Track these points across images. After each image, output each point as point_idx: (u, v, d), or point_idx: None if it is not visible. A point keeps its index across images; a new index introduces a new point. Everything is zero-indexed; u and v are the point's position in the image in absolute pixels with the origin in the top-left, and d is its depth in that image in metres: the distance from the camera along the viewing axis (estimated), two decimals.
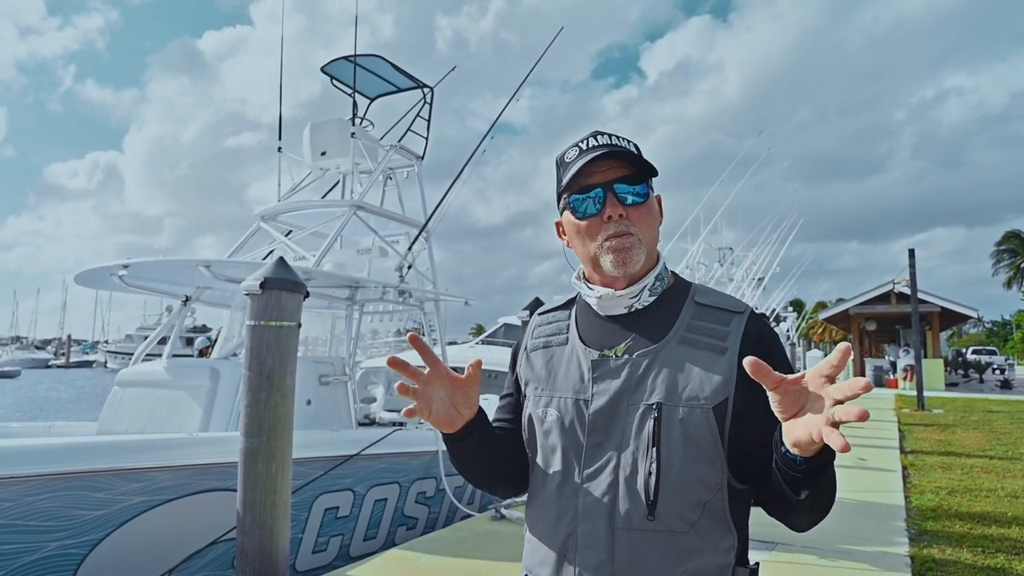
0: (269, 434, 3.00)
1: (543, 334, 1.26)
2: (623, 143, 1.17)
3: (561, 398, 1.16)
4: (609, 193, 1.14)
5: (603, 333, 1.18)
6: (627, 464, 1.07)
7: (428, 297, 6.92)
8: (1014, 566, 4.10)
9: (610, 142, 1.16)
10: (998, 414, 13.61)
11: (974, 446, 9.26)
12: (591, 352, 1.16)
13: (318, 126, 6.96)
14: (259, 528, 2.98)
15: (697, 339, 1.11)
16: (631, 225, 1.14)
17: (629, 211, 1.14)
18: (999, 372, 26.03)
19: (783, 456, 0.96)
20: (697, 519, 1.06)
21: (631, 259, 1.14)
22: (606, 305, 1.18)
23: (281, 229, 6.87)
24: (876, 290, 24.33)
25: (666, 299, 1.18)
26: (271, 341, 3.05)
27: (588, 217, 1.16)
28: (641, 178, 1.16)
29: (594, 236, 1.15)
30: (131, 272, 5.43)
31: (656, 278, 1.18)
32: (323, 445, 4.76)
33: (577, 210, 1.17)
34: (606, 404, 1.11)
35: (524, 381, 1.26)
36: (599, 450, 1.10)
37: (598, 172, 1.14)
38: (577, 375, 1.16)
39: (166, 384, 5.12)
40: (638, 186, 1.15)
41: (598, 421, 1.11)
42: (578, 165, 1.14)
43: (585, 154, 1.15)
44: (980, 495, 6.13)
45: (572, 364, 1.17)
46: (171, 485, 3.78)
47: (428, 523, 5.84)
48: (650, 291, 1.17)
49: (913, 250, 15.58)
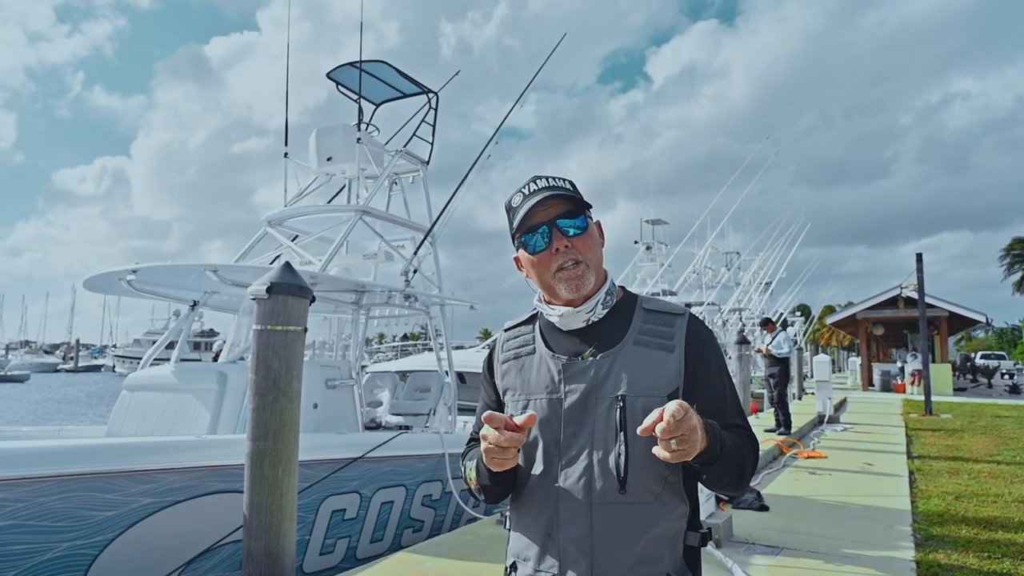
0: (275, 438, 3.02)
1: (512, 347, 1.44)
2: (559, 183, 1.36)
3: (536, 399, 1.33)
4: (554, 228, 1.33)
5: (568, 344, 1.36)
6: (599, 448, 1.25)
7: (434, 301, 6.96)
8: (1020, 571, 4.08)
9: (548, 184, 1.35)
10: (1006, 419, 13.52)
11: (982, 451, 9.21)
12: (559, 358, 1.34)
13: (324, 132, 7.01)
14: (265, 532, 3.00)
15: (649, 340, 1.32)
16: (577, 253, 1.32)
17: (573, 241, 1.33)
18: (1008, 377, 25.86)
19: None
20: (660, 491, 1.26)
21: (583, 284, 1.33)
22: (567, 321, 1.36)
23: (288, 234, 6.92)
24: (884, 294, 24.21)
25: (617, 311, 1.37)
26: (277, 345, 3.08)
27: (539, 252, 1.34)
28: (579, 211, 1.34)
29: (547, 266, 1.34)
30: (139, 277, 5.49)
31: (607, 293, 1.37)
32: (330, 448, 4.79)
33: (528, 246, 1.36)
34: (578, 399, 1.29)
35: (503, 390, 1.42)
36: (574, 439, 1.28)
37: (541, 211, 1.33)
38: (548, 378, 1.33)
39: (174, 388, 5.17)
40: (577, 219, 1.34)
41: (572, 414, 1.29)
42: (524, 208, 1.33)
43: (528, 198, 1.34)
44: (987, 500, 6.10)
45: (542, 369, 1.35)
46: (180, 487, 3.81)
47: (434, 525, 5.86)
48: (603, 304, 1.36)
49: (921, 254, 15.54)
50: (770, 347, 10.76)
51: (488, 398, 1.50)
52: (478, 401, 1.56)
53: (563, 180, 1.38)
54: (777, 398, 10.56)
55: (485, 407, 1.49)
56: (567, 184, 1.37)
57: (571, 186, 1.38)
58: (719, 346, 1.41)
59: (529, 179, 1.38)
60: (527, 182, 1.38)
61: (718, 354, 1.37)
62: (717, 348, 1.38)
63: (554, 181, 1.36)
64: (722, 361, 1.38)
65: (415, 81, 7.62)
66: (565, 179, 1.39)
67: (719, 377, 1.35)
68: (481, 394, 1.53)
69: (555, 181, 1.37)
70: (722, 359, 1.38)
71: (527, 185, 1.37)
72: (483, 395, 1.52)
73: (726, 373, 1.38)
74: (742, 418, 1.35)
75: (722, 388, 1.34)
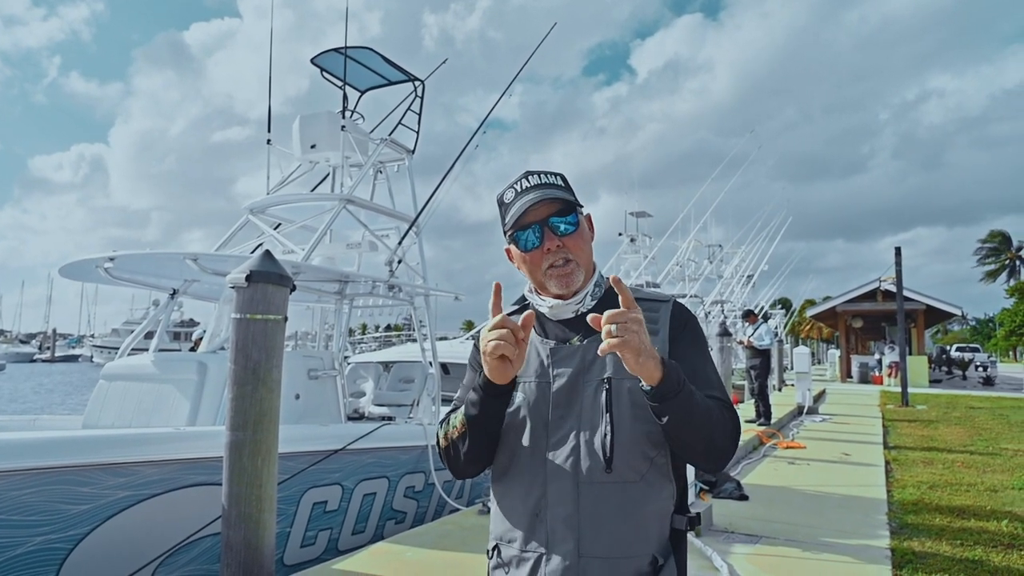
0: (255, 428, 2.99)
1: None
2: (551, 179, 1.39)
3: (525, 382, 1.35)
4: (545, 227, 1.35)
5: (557, 331, 1.40)
6: (587, 429, 1.28)
7: (418, 292, 6.92)
8: (991, 558, 4.17)
9: (540, 182, 1.37)
10: (980, 410, 13.80)
11: (956, 441, 9.39)
12: (548, 343, 1.37)
13: (308, 119, 6.92)
14: (244, 522, 2.97)
15: None
16: (568, 252, 1.36)
17: (564, 240, 1.36)
18: (982, 369, 26.35)
19: (643, 391, 1.20)
20: (646, 471, 1.28)
21: (572, 282, 1.37)
22: (557, 312, 1.39)
23: (270, 222, 6.83)
24: (863, 288, 24.55)
25: (605, 301, 1.38)
26: (257, 334, 3.04)
27: (531, 250, 1.37)
28: (570, 209, 1.36)
29: (538, 264, 1.37)
30: (117, 265, 5.39)
31: (595, 285, 1.41)
32: (312, 439, 4.76)
33: (519, 242, 1.38)
34: (566, 383, 1.32)
35: None
36: (563, 421, 1.30)
37: (534, 211, 1.35)
38: (537, 363, 1.36)
39: (153, 378, 5.10)
40: (569, 216, 1.36)
41: (560, 397, 1.31)
42: (516, 207, 1.36)
43: (520, 196, 1.37)
44: (960, 489, 6.22)
45: (532, 354, 1.37)
46: (157, 479, 3.76)
47: (417, 517, 5.85)
48: (591, 296, 1.39)
49: (899, 248, 15.74)
50: (751, 339, 10.87)
51: (473, 381, 1.46)
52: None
53: (555, 176, 1.40)
54: (758, 389, 10.68)
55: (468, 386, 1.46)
56: (559, 180, 1.40)
57: (563, 182, 1.40)
58: (702, 330, 1.44)
59: (521, 175, 1.40)
60: (519, 178, 1.40)
61: (699, 335, 1.41)
62: (698, 329, 1.41)
63: (546, 178, 1.39)
64: (703, 341, 1.41)
65: (401, 68, 7.53)
66: (557, 174, 1.41)
67: (698, 354, 1.37)
68: (466, 376, 1.52)
69: (547, 178, 1.39)
70: (703, 340, 1.42)
71: (519, 181, 1.39)
72: (468, 378, 1.51)
73: (706, 352, 1.40)
74: (723, 394, 1.36)
75: (702, 364, 1.37)
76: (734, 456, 1.39)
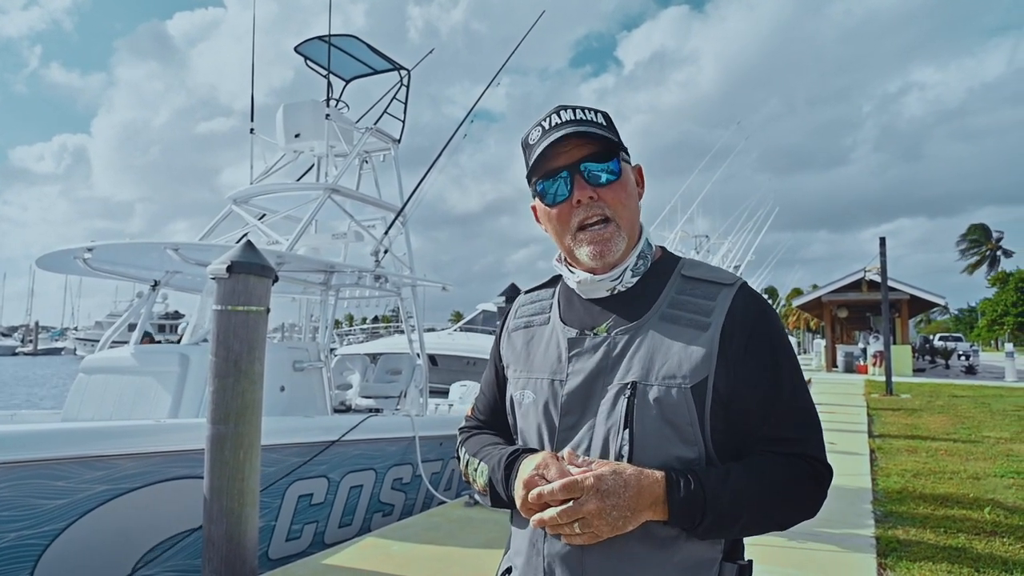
0: (237, 421, 2.95)
1: (525, 314, 1.21)
2: (588, 115, 1.08)
3: (538, 379, 1.10)
4: (576, 175, 1.06)
5: (585, 314, 1.12)
6: (598, 447, 1.00)
7: (405, 282, 6.86)
8: (974, 546, 4.21)
9: (574, 117, 1.07)
10: (962, 399, 13.96)
11: (939, 430, 9.49)
12: (570, 331, 1.10)
13: (292, 107, 6.82)
14: (227, 516, 2.93)
15: (679, 315, 1.04)
16: (605, 206, 1.06)
17: (601, 192, 1.05)
18: (964, 358, 26.67)
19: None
20: None
21: (609, 250, 1.06)
22: (587, 289, 1.12)
23: (254, 213, 6.74)
24: (848, 278, 24.74)
25: (652, 275, 1.11)
26: (238, 326, 2.99)
27: (558, 203, 1.08)
28: (612, 153, 1.07)
29: (566, 223, 1.08)
30: (96, 255, 5.29)
31: (639, 257, 1.10)
32: (297, 431, 4.71)
33: (546, 196, 1.09)
34: (581, 384, 1.05)
35: (505, 363, 1.20)
36: (571, 432, 1.04)
37: (563, 153, 1.06)
38: (555, 355, 1.10)
39: (134, 370, 5.01)
40: (609, 162, 1.07)
41: (572, 402, 1.05)
42: (541, 147, 1.06)
43: (548, 134, 1.07)
44: (944, 477, 6.28)
45: (551, 345, 1.12)
46: (137, 473, 3.70)
47: (405, 509, 5.83)
48: (633, 272, 1.09)
49: (884, 239, 15.83)
50: None
51: (489, 377, 1.27)
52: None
53: (594, 112, 1.09)
54: None
55: (486, 389, 1.28)
56: (599, 118, 1.09)
57: (604, 120, 1.10)
58: (782, 328, 1.08)
59: (552, 109, 1.11)
60: (549, 112, 1.10)
61: (776, 338, 1.04)
62: (776, 329, 1.05)
63: (583, 113, 1.08)
64: (782, 347, 1.04)
65: (387, 57, 7.44)
66: (597, 110, 1.10)
67: (771, 369, 1.02)
68: (486, 373, 1.29)
69: (585, 113, 1.08)
70: (784, 345, 1.05)
71: (549, 117, 1.09)
72: (485, 373, 1.29)
73: (788, 364, 1.04)
74: (802, 429, 1.02)
75: (774, 385, 1.01)
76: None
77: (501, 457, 1.08)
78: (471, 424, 1.30)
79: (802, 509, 1.00)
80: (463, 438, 1.26)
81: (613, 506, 0.90)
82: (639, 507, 0.91)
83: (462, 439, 1.26)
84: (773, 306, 1.10)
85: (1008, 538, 4.35)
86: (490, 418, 1.26)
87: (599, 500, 0.90)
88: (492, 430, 1.24)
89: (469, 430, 1.28)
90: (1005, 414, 11.23)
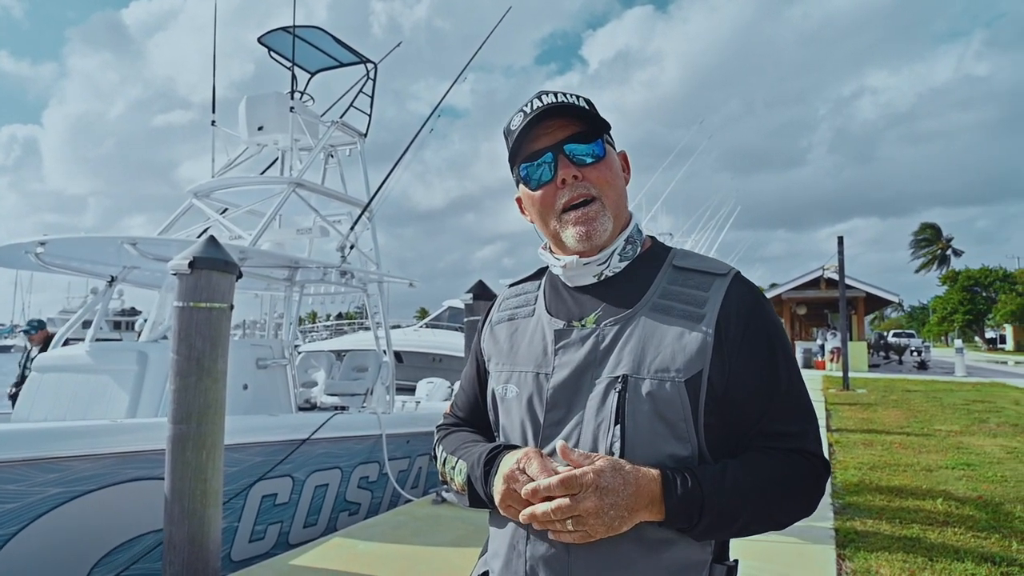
0: (199, 420, 2.87)
1: (510, 307, 1.18)
2: (571, 99, 1.06)
3: (521, 372, 1.06)
4: (559, 155, 1.04)
5: (572, 304, 1.08)
6: (587, 443, 0.96)
7: (371, 279, 6.78)
8: (928, 536, 4.36)
9: (556, 101, 1.05)
10: (915, 393, 14.45)
11: (894, 424, 9.81)
12: (556, 322, 1.06)
13: (255, 99, 6.67)
14: (189, 518, 2.86)
15: (671, 305, 1.01)
16: (591, 186, 1.03)
17: (585, 171, 1.03)
18: (916, 354, 27.61)
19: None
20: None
21: (595, 231, 1.03)
22: (573, 275, 1.08)
23: (216, 207, 6.58)
24: (807, 276, 25.39)
25: (640, 264, 1.08)
26: (201, 323, 2.91)
27: (542, 185, 1.05)
28: (595, 134, 1.06)
29: (550, 206, 1.05)
30: (49, 250, 5.09)
31: (627, 241, 1.07)
32: (261, 430, 4.62)
33: (530, 180, 1.07)
34: (567, 377, 1.01)
35: (487, 357, 1.16)
36: (557, 428, 1.00)
37: (545, 134, 1.05)
38: (540, 348, 1.06)
39: (89, 369, 4.85)
40: (593, 144, 1.05)
41: (558, 396, 1.01)
42: (522, 129, 1.05)
43: (530, 118, 1.05)
44: (899, 470, 6.49)
45: (536, 336, 1.08)
46: (92, 475, 3.57)
47: (371, 508, 5.77)
48: (620, 255, 1.07)
49: (842, 238, 16.27)
50: None
51: (469, 373, 1.23)
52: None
53: (576, 97, 1.08)
54: None
55: (466, 385, 1.23)
56: (581, 102, 1.07)
57: (587, 104, 1.08)
58: (777, 318, 1.05)
59: (534, 94, 1.09)
60: (531, 98, 1.08)
61: (772, 329, 1.02)
62: (772, 320, 1.03)
63: (566, 97, 1.06)
64: (778, 338, 1.02)
65: (353, 50, 7.33)
66: (579, 96, 1.09)
67: (768, 361, 1.00)
68: (466, 369, 1.25)
69: (567, 98, 1.06)
70: (780, 336, 1.02)
71: (530, 102, 1.07)
72: (466, 369, 1.25)
73: (784, 356, 1.02)
74: (800, 423, 1.00)
75: (771, 377, 0.99)
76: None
77: (480, 454, 1.05)
78: (449, 422, 1.26)
79: (801, 507, 0.98)
80: (440, 436, 1.22)
81: (611, 505, 0.87)
82: (637, 507, 0.88)
83: (439, 437, 1.22)
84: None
85: (959, 528, 4.52)
86: (470, 415, 1.23)
87: (598, 498, 0.86)
88: (472, 428, 1.21)
89: (447, 428, 1.24)
90: (955, 408, 11.66)
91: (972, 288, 47.75)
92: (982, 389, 15.36)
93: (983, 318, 49.15)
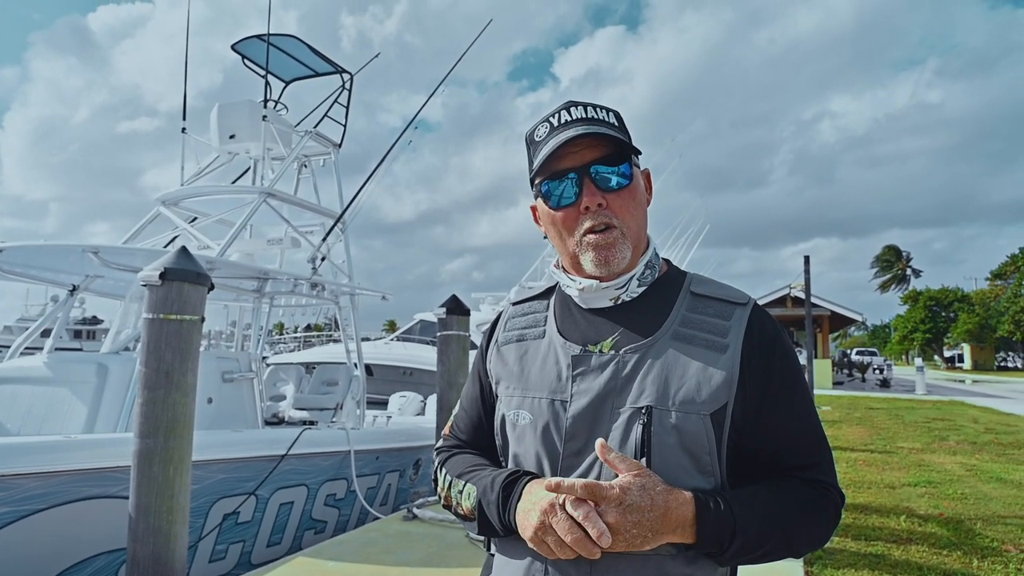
0: (167, 435, 2.78)
1: (517, 326, 1.13)
2: (600, 114, 1.03)
3: (535, 398, 1.02)
4: (586, 178, 1.00)
5: (586, 327, 1.04)
6: (610, 476, 0.90)
7: (343, 291, 6.70)
8: (892, 552, 4.44)
9: (585, 115, 1.01)
10: (878, 411, 14.78)
11: (858, 441, 10.00)
12: (571, 347, 1.02)
13: (227, 107, 6.57)
14: (154, 535, 2.76)
15: (694, 335, 0.98)
16: (612, 216, 1.00)
17: (610, 198, 1.00)
18: (879, 372, 28.27)
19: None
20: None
21: (614, 257, 1.00)
22: (589, 297, 1.05)
23: (184, 216, 6.44)
24: (774, 294, 25.89)
25: (657, 289, 1.05)
26: (171, 336, 2.83)
27: (563, 207, 1.01)
28: (623, 157, 1.02)
29: (571, 229, 1.02)
30: (7, 257, 4.93)
31: (646, 266, 1.05)
32: (224, 446, 4.49)
33: (551, 198, 1.02)
34: (587, 406, 0.97)
35: (495, 379, 1.11)
36: (577, 459, 0.95)
37: (572, 153, 1.00)
38: (554, 373, 1.01)
39: (46, 381, 4.68)
40: (621, 166, 1.01)
41: (578, 426, 0.96)
42: (549, 146, 1.00)
43: (556, 132, 1.01)
44: (863, 487, 6.61)
45: (549, 360, 1.03)
46: (41, 493, 3.40)
47: (338, 526, 5.65)
48: (639, 281, 1.04)
49: (808, 257, 16.59)
50: None
51: (472, 392, 1.17)
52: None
53: (607, 111, 1.03)
54: None
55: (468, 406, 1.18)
56: (611, 117, 1.03)
57: (617, 120, 1.04)
58: (794, 350, 1.04)
59: (562, 105, 1.04)
60: (559, 108, 1.03)
61: (792, 363, 1.00)
62: (791, 353, 1.01)
63: (595, 112, 1.02)
64: (797, 372, 1.00)
65: (329, 60, 7.28)
66: (610, 110, 1.04)
67: (789, 393, 0.98)
68: (467, 388, 1.20)
69: (596, 112, 1.02)
70: (796, 369, 1.01)
71: (558, 113, 1.02)
72: (467, 388, 1.19)
73: (801, 387, 1.01)
74: (817, 454, 0.99)
75: (793, 413, 0.98)
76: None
77: (495, 478, 1.00)
78: (450, 443, 1.21)
79: (819, 536, 0.97)
80: (442, 459, 1.17)
81: (634, 523, 0.84)
82: (663, 529, 0.86)
83: (441, 460, 1.17)
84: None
85: (922, 545, 4.61)
86: (472, 437, 1.17)
87: (620, 515, 0.84)
88: (475, 450, 1.16)
89: (448, 450, 1.19)
90: (916, 425, 11.96)
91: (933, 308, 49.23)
92: (942, 407, 15.79)
93: (942, 337, 50.66)
